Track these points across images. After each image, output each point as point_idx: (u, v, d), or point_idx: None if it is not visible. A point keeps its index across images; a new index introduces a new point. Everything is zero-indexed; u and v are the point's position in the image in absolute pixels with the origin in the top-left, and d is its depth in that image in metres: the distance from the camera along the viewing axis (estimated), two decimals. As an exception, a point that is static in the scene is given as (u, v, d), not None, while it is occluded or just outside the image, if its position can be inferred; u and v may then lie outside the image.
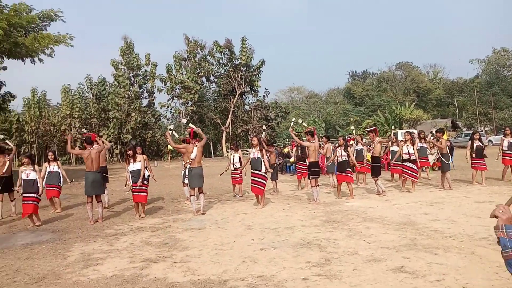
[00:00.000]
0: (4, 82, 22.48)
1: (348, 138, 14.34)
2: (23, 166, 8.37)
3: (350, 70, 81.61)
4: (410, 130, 19.61)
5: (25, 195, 8.09)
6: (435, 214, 7.40)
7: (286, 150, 19.20)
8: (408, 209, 8.01)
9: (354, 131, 14.91)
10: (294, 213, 8.19)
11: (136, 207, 8.72)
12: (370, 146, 12.26)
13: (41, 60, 18.45)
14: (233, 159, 11.26)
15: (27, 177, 8.19)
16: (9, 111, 34.43)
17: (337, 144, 10.73)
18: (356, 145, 12.89)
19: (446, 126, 40.93)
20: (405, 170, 10.66)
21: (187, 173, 9.16)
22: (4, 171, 9.14)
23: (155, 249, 5.90)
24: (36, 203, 8.14)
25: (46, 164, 9.81)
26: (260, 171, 9.10)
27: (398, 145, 11.97)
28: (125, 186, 9.20)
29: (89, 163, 8.09)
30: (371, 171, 10.41)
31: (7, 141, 11.95)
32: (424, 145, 12.26)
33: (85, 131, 9.53)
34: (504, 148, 11.24)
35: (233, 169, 11.20)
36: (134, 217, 8.56)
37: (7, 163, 9.33)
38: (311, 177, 9.36)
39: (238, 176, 11.13)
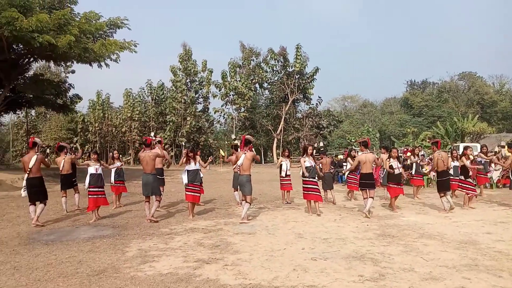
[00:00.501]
0: (73, 84, 24.25)
1: (405, 149, 13.84)
2: (90, 161, 8.93)
3: (409, 79, 78.51)
4: (469, 144, 18.46)
5: (91, 189, 8.63)
6: (499, 234, 6.91)
7: (340, 157, 18.87)
8: (470, 228, 7.55)
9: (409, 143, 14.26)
10: (346, 224, 8.02)
11: (190, 208, 8.97)
12: (429, 159, 11.73)
13: (107, 65, 19.68)
14: (287, 166, 11.25)
15: (96, 172, 8.76)
16: (76, 112, 36.92)
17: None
18: (414, 157, 12.42)
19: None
20: (462, 185, 10.07)
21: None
22: (61, 168, 9.79)
23: (207, 250, 6.04)
24: (103, 196, 8.75)
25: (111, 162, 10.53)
26: (314, 178, 9.12)
27: (457, 160, 11.32)
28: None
29: (144, 165, 8.46)
30: (437, 186, 9.87)
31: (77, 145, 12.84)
32: (485, 160, 11.53)
33: (156, 138, 9.98)
34: None
35: (283, 176, 11.18)
36: (188, 218, 8.81)
37: (69, 161, 9.95)
38: (362, 188, 9.12)
39: (288, 183, 11.11)
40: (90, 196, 8.66)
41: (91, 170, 8.78)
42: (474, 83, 65.06)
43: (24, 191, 8.05)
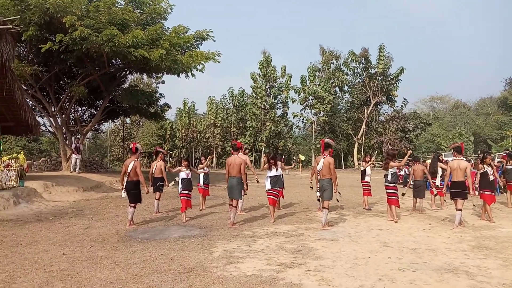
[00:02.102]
0: (163, 94, 26.09)
1: (504, 154, 12.61)
2: (181, 167, 9.59)
3: (507, 76, 71.07)
4: None
5: (184, 191, 9.31)
6: None
7: (428, 161, 17.69)
8: None
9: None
10: (437, 235, 7.52)
11: (272, 211, 9.15)
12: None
13: (193, 75, 20.87)
14: (367, 172, 11.03)
15: (187, 177, 9.41)
16: (165, 119, 39.64)
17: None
18: (507, 164, 11.27)
19: None
20: None
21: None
22: (152, 172, 10.63)
23: (289, 254, 6.10)
24: (190, 199, 9.50)
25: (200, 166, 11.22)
26: (394, 183, 8.82)
27: None
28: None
29: (230, 169, 8.77)
30: None
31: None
32: None
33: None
34: None
35: (366, 181, 10.97)
36: (269, 222, 8.95)
37: (155, 165, 10.75)
38: (453, 198, 8.42)
39: (368, 188, 10.90)
40: (182, 197, 9.28)
41: (183, 175, 9.43)
42: None
43: (124, 192, 8.83)
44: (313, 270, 5.25)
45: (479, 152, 10.49)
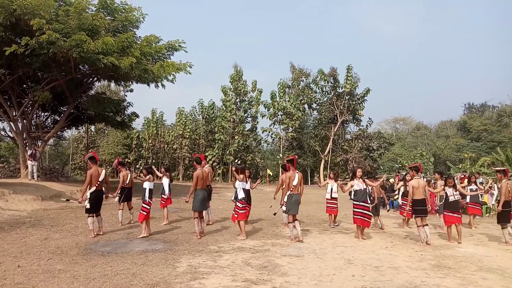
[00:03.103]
0: (131, 103, 25.57)
1: (462, 176, 13.16)
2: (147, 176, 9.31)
3: (466, 101, 74.87)
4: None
5: (150, 202, 8.96)
6: None
7: (391, 181, 18.26)
8: (537, 264, 6.97)
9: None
10: (399, 253, 7.71)
11: (243, 227, 8.92)
12: (490, 187, 11.05)
13: (163, 86, 20.60)
14: (331, 189, 11.13)
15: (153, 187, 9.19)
16: (132, 128, 38.83)
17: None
18: (469, 184, 11.77)
19: None
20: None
21: (285, 199, 9.21)
22: (127, 182, 10.33)
23: (255, 270, 6.06)
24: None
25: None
26: (366, 203, 8.88)
27: None
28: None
29: (202, 181, 8.71)
30: (498, 217, 9.29)
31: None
32: None
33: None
34: None
35: (329, 198, 11.07)
36: (241, 238, 8.72)
37: (129, 175, 10.52)
38: (414, 216, 8.82)
39: (334, 206, 10.97)
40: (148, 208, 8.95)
41: (150, 185, 9.11)
42: (539, 107, 60.74)
43: (88, 202, 8.54)
44: (279, 287, 5.23)
45: (434, 173, 10.95)
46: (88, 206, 8.52)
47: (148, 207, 8.81)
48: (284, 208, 8.59)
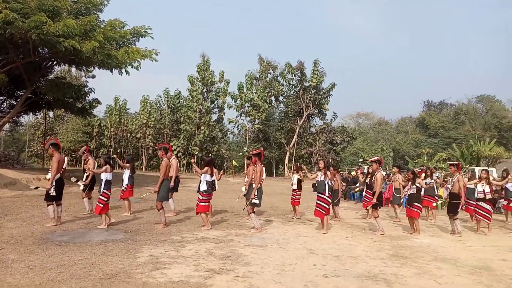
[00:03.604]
0: (93, 89, 24.67)
1: (419, 170, 13.69)
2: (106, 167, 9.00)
3: (426, 99, 78.02)
4: (487, 168, 18.11)
5: (107, 193, 8.69)
6: (516, 262, 6.75)
7: (353, 173, 18.75)
8: (484, 253, 7.40)
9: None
10: (358, 243, 7.94)
11: (206, 218, 8.84)
12: (445, 181, 11.56)
13: (127, 72, 20.00)
14: (293, 180, 11.28)
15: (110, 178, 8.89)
16: (93, 116, 37.56)
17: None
18: (425, 178, 12.26)
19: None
20: (478, 210, 9.93)
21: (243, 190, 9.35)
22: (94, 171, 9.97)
23: (218, 260, 6.05)
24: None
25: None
26: (323, 194, 9.01)
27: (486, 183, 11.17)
28: None
29: (167, 171, 8.59)
30: (448, 208, 9.77)
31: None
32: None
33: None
34: None
35: (294, 189, 11.21)
36: (206, 229, 8.61)
37: (96, 164, 10.22)
38: (374, 207, 9.11)
39: (297, 197, 11.10)
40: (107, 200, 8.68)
41: (108, 176, 8.79)
42: (492, 106, 64.20)
43: (54, 189, 8.20)
44: (242, 276, 5.25)
45: (393, 167, 11.44)
46: (54, 193, 8.17)
47: (105, 199, 8.52)
48: (256, 201, 8.57)
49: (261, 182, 8.72)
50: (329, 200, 9.10)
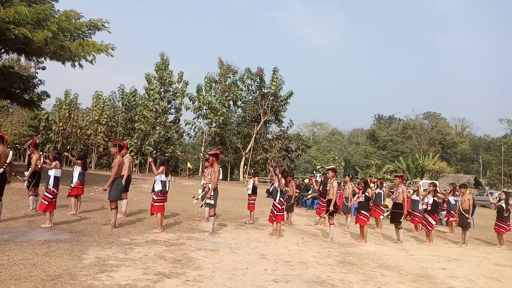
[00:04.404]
0: (43, 81, 23.45)
1: (370, 180, 14.24)
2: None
3: (377, 113, 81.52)
4: (435, 182, 19.23)
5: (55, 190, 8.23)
6: (453, 271, 7.20)
7: (306, 181, 19.14)
8: (426, 262, 7.82)
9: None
10: (308, 249, 8.11)
11: (161, 219, 8.57)
12: (391, 191, 12.08)
13: (81, 66, 19.19)
14: (248, 185, 11.37)
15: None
16: (42, 109, 35.66)
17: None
18: (376, 188, 12.77)
19: (468, 182, 39.99)
20: (423, 221, 10.50)
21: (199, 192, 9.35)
22: (39, 167, 9.41)
23: (168, 264, 5.94)
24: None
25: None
26: (275, 200, 9.12)
27: (419, 195, 11.81)
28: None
29: (121, 169, 8.33)
30: (392, 217, 10.23)
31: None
32: (455, 198, 12.10)
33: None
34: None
35: (248, 195, 11.28)
36: (158, 231, 8.40)
37: (42, 159, 9.63)
38: (330, 215, 9.36)
39: (251, 202, 11.16)
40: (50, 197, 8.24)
41: (57, 172, 8.35)
42: (437, 123, 68.34)
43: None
44: (192, 281, 5.19)
45: (344, 176, 11.96)
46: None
47: (51, 196, 8.07)
48: (211, 201, 8.50)
49: (217, 183, 8.68)
50: (279, 206, 9.11)
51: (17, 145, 40.50)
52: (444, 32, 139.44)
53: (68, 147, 44.83)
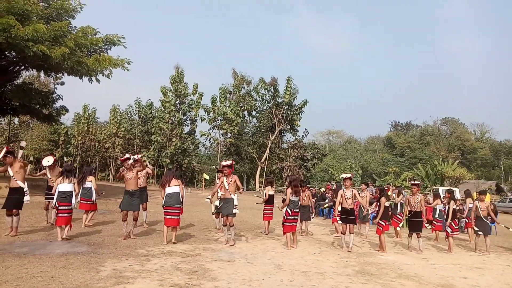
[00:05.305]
0: (62, 96, 23.99)
1: (387, 188, 14.02)
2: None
3: (393, 119, 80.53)
4: (452, 189, 18.78)
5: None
6: (475, 280, 6.98)
7: (322, 189, 18.95)
8: (447, 271, 7.61)
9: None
10: (326, 259, 7.99)
11: (165, 232, 8.49)
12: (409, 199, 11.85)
13: (98, 80, 19.57)
14: (264, 195, 11.32)
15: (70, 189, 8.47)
16: (61, 123, 36.46)
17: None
18: (397, 196, 12.56)
19: (490, 188, 39.02)
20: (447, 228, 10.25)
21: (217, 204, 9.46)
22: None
23: (184, 275, 5.93)
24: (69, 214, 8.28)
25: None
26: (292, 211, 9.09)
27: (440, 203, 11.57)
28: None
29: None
30: (412, 226, 10.00)
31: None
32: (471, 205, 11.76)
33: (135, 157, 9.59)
34: None
35: (269, 206, 11.16)
36: (164, 243, 8.41)
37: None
38: (343, 223, 9.22)
39: (268, 212, 11.04)
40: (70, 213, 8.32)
41: (61, 187, 8.32)
42: (456, 129, 67.07)
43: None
44: (207, 292, 5.17)
45: (361, 184, 11.87)
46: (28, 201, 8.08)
47: (56, 211, 8.24)
48: (238, 211, 8.80)
49: (241, 192, 8.88)
50: (284, 216, 8.98)
51: (37, 160, 41.39)
52: (461, 36, 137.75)
53: (87, 160, 45.62)
